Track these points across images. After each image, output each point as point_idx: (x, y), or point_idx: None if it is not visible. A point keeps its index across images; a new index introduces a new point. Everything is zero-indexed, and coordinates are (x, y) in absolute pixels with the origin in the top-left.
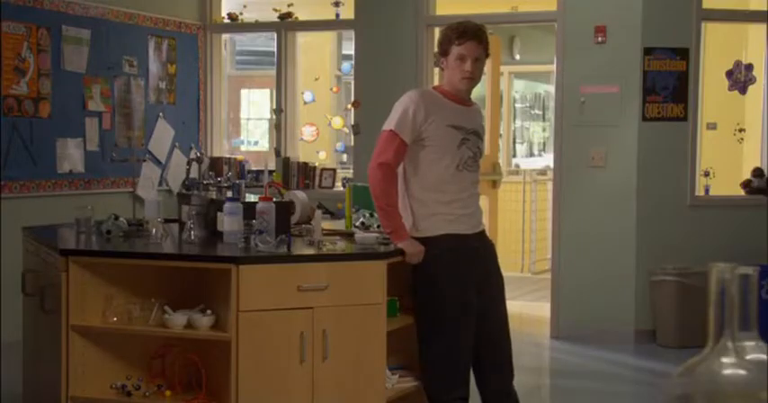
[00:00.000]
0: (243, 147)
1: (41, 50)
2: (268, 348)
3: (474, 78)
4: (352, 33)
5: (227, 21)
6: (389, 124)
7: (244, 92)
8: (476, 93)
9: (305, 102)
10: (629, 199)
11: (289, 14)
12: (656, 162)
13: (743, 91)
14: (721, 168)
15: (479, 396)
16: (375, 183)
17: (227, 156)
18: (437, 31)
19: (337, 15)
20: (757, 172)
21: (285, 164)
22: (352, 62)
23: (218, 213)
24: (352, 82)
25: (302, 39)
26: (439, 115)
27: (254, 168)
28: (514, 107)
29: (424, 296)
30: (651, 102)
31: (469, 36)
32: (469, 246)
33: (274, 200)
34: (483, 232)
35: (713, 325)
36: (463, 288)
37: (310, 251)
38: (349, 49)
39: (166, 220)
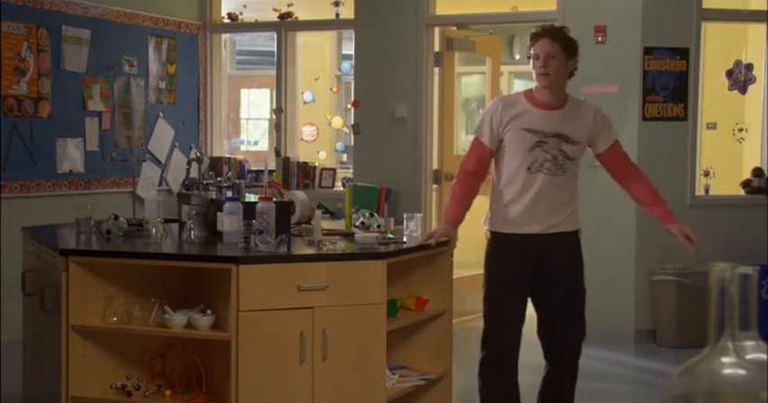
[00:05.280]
0: (243, 147)
1: (41, 50)
2: (268, 348)
3: (549, 74)
4: (352, 33)
5: (227, 21)
6: (475, 131)
7: (244, 92)
8: (476, 92)
9: (305, 102)
10: (629, 199)
11: (289, 14)
12: (656, 162)
13: (743, 91)
14: (721, 168)
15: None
16: (453, 184)
17: (227, 156)
18: (437, 31)
19: (337, 15)
20: (757, 172)
21: (285, 164)
22: (352, 62)
23: (218, 213)
24: (352, 82)
25: (302, 38)
26: (516, 119)
27: (254, 168)
28: None
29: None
30: (651, 101)
31: (541, 35)
32: (522, 247)
33: (274, 200)
34: (549, 235)
35: (713, 325)
36: (509, 288)
37: (310, 251)
38: (349, 49)
39: (166, 220)
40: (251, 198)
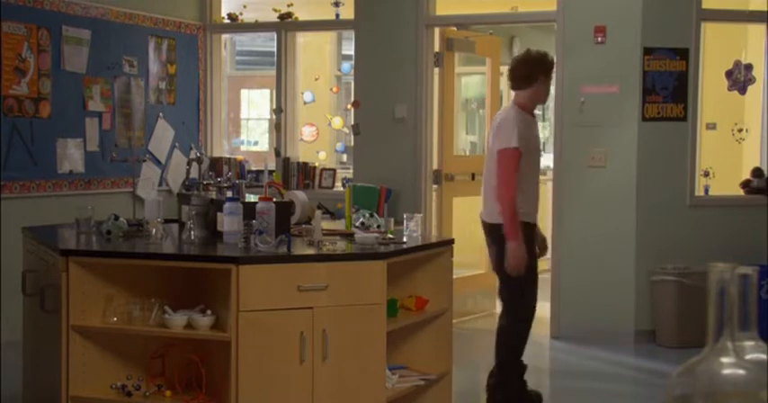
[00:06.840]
0: (243, 147)
1: (41, 50)
2: (268, 348)
3: None
4: (352, 33)
5: (227, 21)
6: (508, 142)
7: (244, 92)
8: (476, 93)
9: (305, 103)
10: (629, 199)
11: (289, 14)
12: (656, 162)
13: (742, 91)
14: (721, 168)
15: None
16: (510, 204)
17: (227, 156)
18: (437, 31)
19: (337, 15)
20: (757, 172)
21: (285, 164)
22: (352, 62)
23: (218, 213)
24: (352, 82)
25: (302, 39)
26: (535, 137)
27: (254, 168)
28: None
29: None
30: (651, 102)
31: (552, 70)
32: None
33: (274, 200)
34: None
35: (713, 325)
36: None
37: (310, 251)
38: (349, 49)
39: (166, 220)
40: (251, 198)
